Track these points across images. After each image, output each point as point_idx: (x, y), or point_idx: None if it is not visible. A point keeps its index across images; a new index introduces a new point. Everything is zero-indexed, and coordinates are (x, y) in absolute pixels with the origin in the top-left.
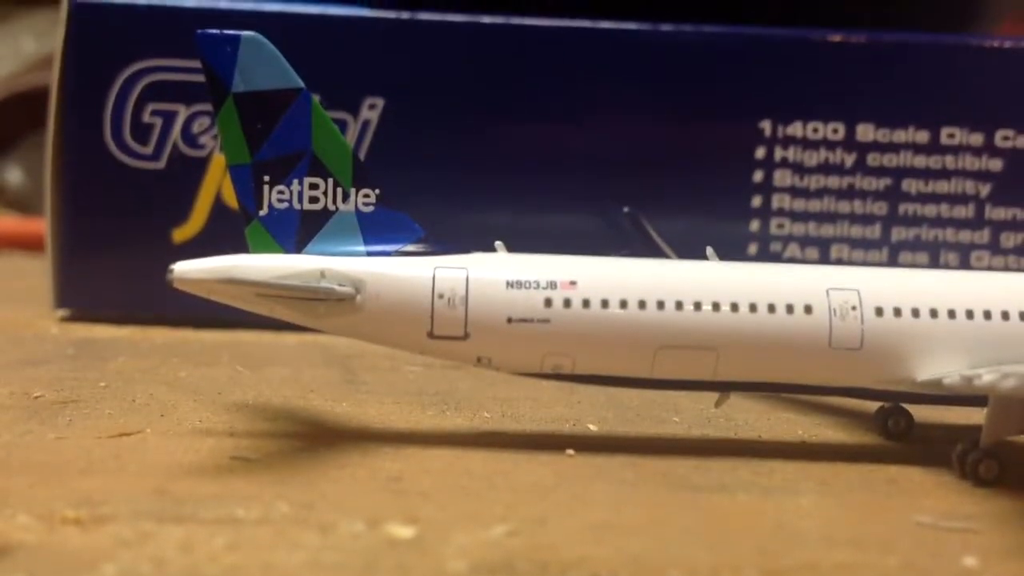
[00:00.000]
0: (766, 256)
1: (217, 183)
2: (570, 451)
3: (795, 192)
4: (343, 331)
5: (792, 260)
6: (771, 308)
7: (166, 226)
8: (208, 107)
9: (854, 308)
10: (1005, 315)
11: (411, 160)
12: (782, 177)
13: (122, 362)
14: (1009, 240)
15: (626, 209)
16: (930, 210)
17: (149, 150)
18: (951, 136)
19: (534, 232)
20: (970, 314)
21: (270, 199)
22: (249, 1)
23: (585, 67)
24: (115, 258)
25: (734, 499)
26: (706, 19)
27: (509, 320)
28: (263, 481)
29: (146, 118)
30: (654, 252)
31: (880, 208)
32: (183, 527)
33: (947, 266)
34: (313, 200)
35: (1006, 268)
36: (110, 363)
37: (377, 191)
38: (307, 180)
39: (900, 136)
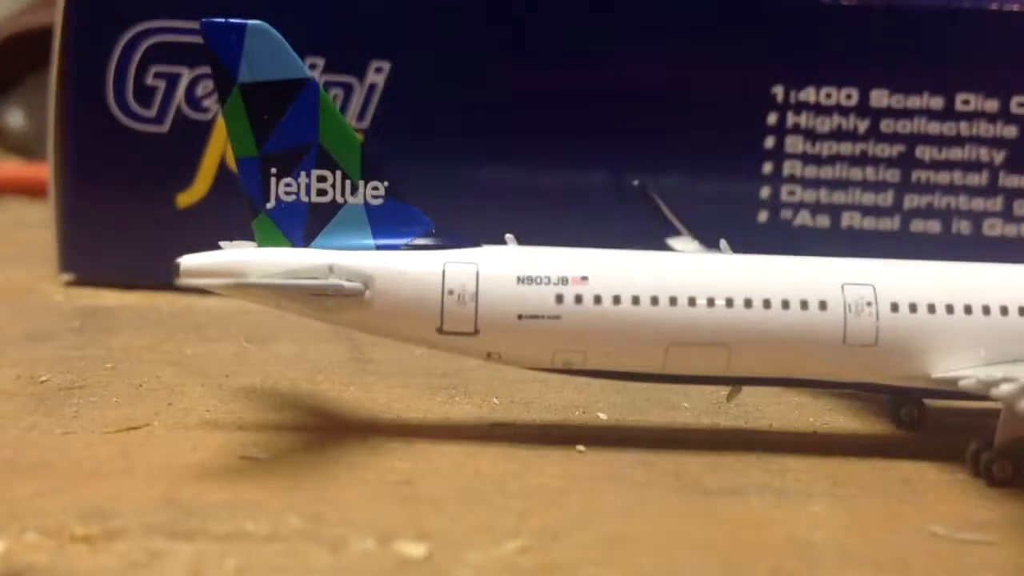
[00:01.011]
0: (777, 223)
1: (221, 147)
2: (580, 447)
3: (807, 159)
4: (352, 325)
5: (803, 228)
6: (785, 304)
7: (170, 190)
8: None
9: (869, 304)
10: (1022, 310)
11: (419, 123)
12: (794, 143)
13: (128, 337)
14: (1023, 208)
15: (636, 182)
16: (943, 177)
17: (152, 113)
18: (966, 102)
19: (544, 196)
20: (987, 309)
21: (277, 192)
22: None
23: (596, 30)
24: (119, 223)
25: (747, 505)
26: None
27: (520, 316)
28: (272, 487)
29: (149, 81)
30: (665, 225)
31: (893, 175)
32: (193, 544)
33: (959, 234)
34: (321, 192)
35: (1019, 236)
36: (116, 338)
37: (386, 183)
38: (315, 172)
39: (914, 102)
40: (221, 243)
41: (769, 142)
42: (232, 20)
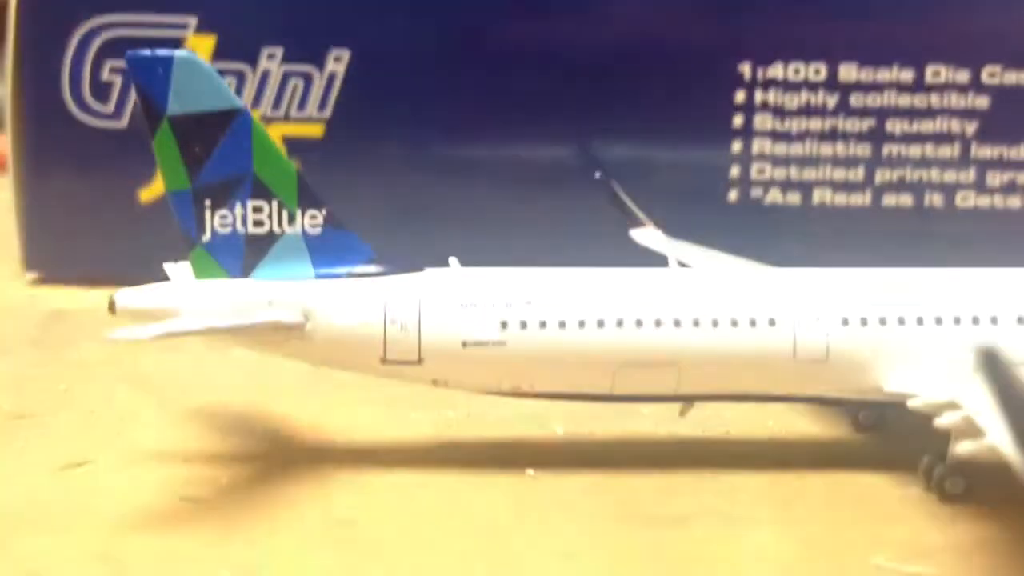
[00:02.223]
0: (748, 202)
1: None
2: (531, 471)
3: (776, 136)
4: (293, 357)
5: (774, 206)
6: (733, 323)
7: (132, 186)
8: None
9: (818, 318)
10: (975, 320)
11: (379, 112)
12: (763, 121)
13: (86, 350)
14: (995, 179)
15: (597, 175)
16: (915, 151)
17: (110, 109)
18: (936, 74)
19: (504, 167)
20: (939, 320)
21: (213, 224)
22: None
23: (558, 12)
24: (82, 221)
25: (692, 536)
26: None
27: (464, 343)
28: (207, 536)
29: (105, 76)
30: (628, 217)
31: (863, 150)
32: None
33: (931, 207)
34: (258, 223)
35: (992, 207)
36: (74, 350)
37: (324, 211)
38: (250, 203)
39: (884, 75)
40: (165, 265)
41: (737, 120)
42: (158, 52)
